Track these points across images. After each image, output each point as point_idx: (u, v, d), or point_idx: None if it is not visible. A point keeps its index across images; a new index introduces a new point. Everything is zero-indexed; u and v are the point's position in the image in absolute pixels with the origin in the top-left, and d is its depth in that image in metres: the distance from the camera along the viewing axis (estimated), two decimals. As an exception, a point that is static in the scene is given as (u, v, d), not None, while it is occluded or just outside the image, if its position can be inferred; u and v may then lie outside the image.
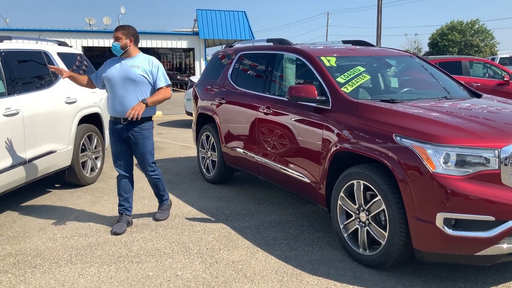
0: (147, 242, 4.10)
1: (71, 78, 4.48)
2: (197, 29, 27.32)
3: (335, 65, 4.41)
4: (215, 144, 5.96)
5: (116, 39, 4.28)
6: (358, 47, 5.32)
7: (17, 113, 4.58)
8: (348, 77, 4.20)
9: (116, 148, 4.42)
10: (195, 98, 6.63)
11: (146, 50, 23.46)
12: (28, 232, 4.33)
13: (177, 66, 37.43)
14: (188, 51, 32.28)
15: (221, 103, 5.76)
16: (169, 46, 27.70)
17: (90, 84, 4.56)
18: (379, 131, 3.45)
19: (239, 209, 5.04)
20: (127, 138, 4.35)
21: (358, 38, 5.67)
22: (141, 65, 4.29)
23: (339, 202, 3.78)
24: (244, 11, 27.05)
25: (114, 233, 4.26)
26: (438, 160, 3.08)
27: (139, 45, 4.52)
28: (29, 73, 5.21)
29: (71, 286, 3.30)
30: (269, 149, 4.79)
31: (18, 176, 4.63)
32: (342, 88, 4.05)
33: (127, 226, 4.40)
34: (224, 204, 5.21)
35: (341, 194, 3.75)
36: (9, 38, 5.15)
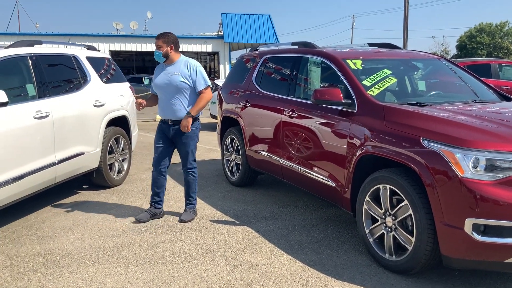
0: (172, 243, 4.14)
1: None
2: (222, 33, 27.52)
3: (361, 68, 4.38)
4: (239, 147, 5.98)
5: (158, 47, 4.55)
6: (384, 49, 5.26)
7: (47, 116, 4.70)
8: (374, 80, 4.16)
9: (158, 145, 4.71)
10: (220, 102, 6.67)
11: (171, 54, 23.57)
12: (57, 232, 4.43)
13: (202, 70, 37.66)
14: (213, 54, 32.54)
15: (246, 106, 5.79)
16: (194, 50, 27.98)
17: (155, 98, 4.86)
18: (406, 135, 3.40)
19: (263, 212, 5.04)
20: (173, 138, 4.66)
21: (384, 41, 5.61)
22: (181, 70, 4.56)
23: (364, 206, 3.74)
24: (269, 15, 27.12)
25: (137, 220, 4.64)
26: (467, 165, 3.02)
27: None
28: (59, 76, 5.34)
29: (98, 286, 3.35)
30: (293, 152, 4.77)
31: (48, 178, 4.74)
32: (368, 91, 4.01)
33: (151, 218, 4.72)
34: (248, 207, 5.22)
35: (367, 198, 3.71)
36: (40, 42, 5.28)
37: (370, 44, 5.59)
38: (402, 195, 3.37)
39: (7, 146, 4.15)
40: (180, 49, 4.76)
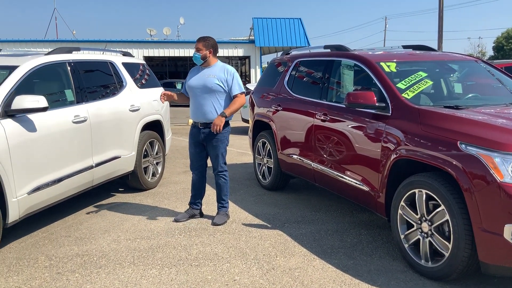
0: (205, 246, 4.18)
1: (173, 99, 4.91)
2: (253, 37, 27.64)
3: (395, 70, 4.32)
4: (271, 150, 5.99)
5: (197, 50, 4.64)
6: (419, 51, 5.18)
7: (85, 121, 4.84)
8: (409, 83, 4.09)
9: (192, 149, 4.83)
10: (252, 105, 6.70)
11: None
12: (94, 233, 4.55)
13: (233, 74, 37.91)
14: (244, 59, 32.73)
15: (278, 110, 5.80)
16: (226, 54, 28.22)
17: (185, 98, 4.93)
18: (442, 139, 3.33)
19: (295, 216, 5.03)
20: (203, 141, 4.72)
21: (419, 43, 5.51)
22: (217, 74, 4.63)
23: (399, 211, 3.68)
24: (300, 18, 27.06)
25: (176, 220, 4.83)
26: (506, 169, 2.93)
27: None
28: (96, 82, 5.50)
29: (134, 287, 3.42)
30: (325, 156, 4.75)
31: (85, 180, 4.88)
32: (403, 94, 3.95)
33: (189, 218, 4.89)
34: (280, 211, 5.22)
35: (402, 203, 3.65)
36: (78, 49, 5.45)
37: (404, 46, 5.52)
38: (438, 200, 3.30)
39: (47, 149, 4.30)
40: (212, 53, 4.81)
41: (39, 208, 4.30)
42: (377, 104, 3.94)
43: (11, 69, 4.29)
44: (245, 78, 33.42)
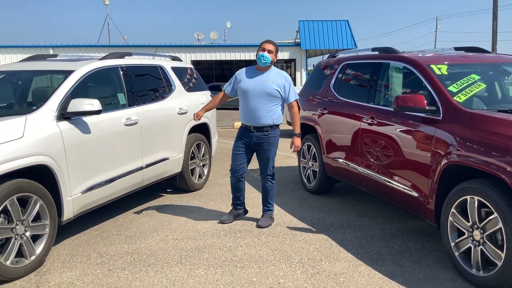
0: (250, 248, 4.22)
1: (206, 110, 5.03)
2: (299, 40, 27.57)
3: (446, 73, 4.20)
4: (316, 154, 5.96)
5: (269, 52, 4.60)
6: (471, 53, 5.00)
7: (136, 123, 5.01)
8: (461, 86, 3.97)
9: (236, 151, 4.79)
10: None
11: (249, 62, 24.20)
12: (143, 232, 4.69)
13: (278, 77, 37.97)
14: (289, 62, 32.70)
15: (323, 113, 5.76)
16: (271, 57, 28.27)
17: (224, 99, 4.98)
18: (496, 144, 3.20)
19: (341, 220, 4.98)
20: (254, 144, 4.71)
21: (470, 44, 5.33)
22: (276, 79, 4.61)
23: (450, 218, 3.57)
24: (347, 20, 26.73)
25: (221, 222, 4.86)
26: None
27: (245, 57, 4.76)
28: (147, 86, 5.67)
29: (181, 286, 3.50)
30: (372, 160, 4.67)
31: (136, 181, 5.05)
32: (454, 98, 3.83)
33: (233, 219, 4.93)
34: (325, 215, 5.18)
35: (453, 210, 3.54)
36: (130, 54, 5.65)
37: (456, 48, 5.35)
38: (491, 208, 3.18)
39: (100, 151, 4.48)
40: (258, 57, 4.82)
41: (92, 207, 4.49)
42: (427, 108, 3.85)
43: (67, 73, 4.50)
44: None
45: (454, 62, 4.50)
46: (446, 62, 4.36)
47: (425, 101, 3.85)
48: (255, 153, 4.86)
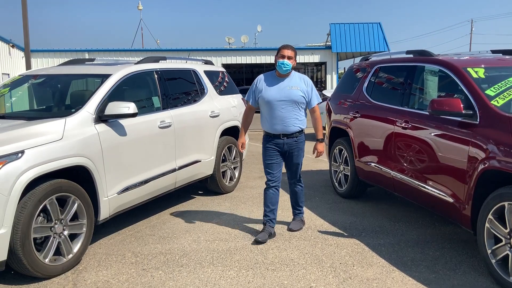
0: (281, 251, 4.23)
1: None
2: (330, 43, 27.42)
3: (483, 76, 4.10)
4: (348, 158, 5.92)
5: (289, 58, 4.38)
6: (509, 56, 4.87)
7: (169, 126, 5.10)
8: (499, 89, 3.87)
9: (271, 161, 4.57)
10: (328, 112, 6.67)
11: (279, 65, 24.06)
12: (175, 233, 4.77)
13: (308, 80, 37.83)
14: (320, 65, 32.53)
15: (356, 117, 5.72)
16: (302, 60, 28.22)
17: (253, 112, 4.76)
18: (537, 149, 3.11)
19: (373, 225, 4.92)
20: (284, 151, 4.55)
21: (507, 47, 5.18)
22: (299, 85, 4.46)
23: (486, 225, 3.49)
24: (379, 23, 26.43)
25: (256, 241, 4.40)
26: None
27: (271, 61, 4.70)
28: (180, 89, 5.77)
29: (213, 287, 3.54)
30: (406, 164, 4.60)
31: (169, 182, 5.14)
32: (492, 102, 3.74)
33: (268, 238, 4.49)
34: (356, 220, 5.13)
35: (490, 216, 3.45)
36: (164, 58, 5.76)
37: (493, 51, 5.22)
38: (532, 215, 3.08)
39: (135, 153, 4.59)
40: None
41: (127, 207, 4.59)
42: (463, 112, 3.77)
43: (105, 77, 4.63)
44: (321, 85, 33.21)
45: (491, 65, 4.39)
46: (483, 65, 4.26)
47: (462, 105, 3.78)
48: None
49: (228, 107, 6.40)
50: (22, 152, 3.46)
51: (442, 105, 3.85)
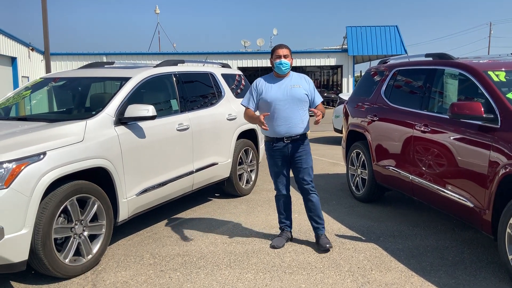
0: (298, 254, 4.22)
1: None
2: (346, 46, 27.32)
3: (504, 80, 4.05)
4: (365, 161, 5.88)
5: (286, 57, 4.22)
6: (531, 59, 4.79)
7: (187, 129, 5.13)
8: (521, 93, 3.81)
9: (278, 169, 4.38)
10: (346, 115, 6.64)
11: (294, 69, 24.34)
12: (193, 235, 4.79)
13: (324, 83, 37.80)
14: (336, 68, 32.42)
15: (373, 120, 5.68)
16: (317, 64, 28.19)
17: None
18: (561, 154, 3.05)
19: (391, 230, 4.88)
20: (291, 156, 4.31)
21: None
22: (301, 84, 4.29)
23: (508, 230, 3.43)
24: (396, 26, 26.26)
25: (273, 247, 4.35)
26: None
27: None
28: (198, 92, 5.81)
29: (230, 289, 3.55)
30: (425, 168, 4.56)
31: (186, 185, 5.17)
32: (514, 105, 3.68)
33: (286, 242, 4.46)
34: (374, 224, 5.10)
35: (511, 221, 3.39)
36: (182, 61, 5.81)
37: (515, 54, 5.14)
38: (555, 221, 3.02)
39: (154, 155, 4.63)
40: (304, 63, 4.74)
41: (145, 209, 4.64)
42: (484, 116, 3.72)
43: (124, 80, 4.69)
44: (337, 88, 33.07)
45: (513, 68, 4.32)
46: (503, 69, 4.21)
47: (482, 109, 3.73)
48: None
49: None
50: (44, 153, 3.52)
51: (462, 108, 3.81)
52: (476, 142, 3.84)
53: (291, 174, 4.48)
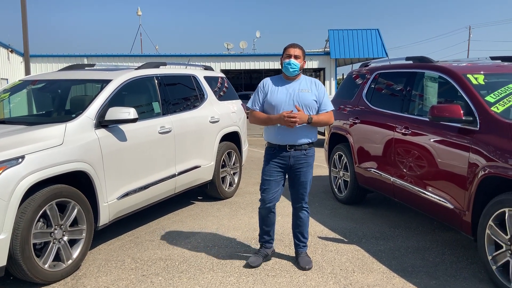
0: (281, 257, 4.21)
1: None
2: (328, 49, 27.50)
3: (483, 83, 4.12)
4: (347, 164, 5.92)
5: (296, 57, 3.87)
6: (507, 63, 4.89)
7: (169, 131, 5.10)
8: (498, 96, 3.89)
9: (270, 177, 3.97)
10: (329, 118, 6.66)
11: (277, 72, 24.25)
12: (175, 239, 4.75)
13: (307, 86, 37.94)
14: (318, 71, 32.59)
15: (355, 123, 5.73)
16: (300, 66, 28.26)
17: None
18: (537, 155, 3.12)
19: (373, 231, 4.92)
20: (290, 167, 3.95)
21: (505, 53, 5.21)
22: (310, 88, 3.92)
23: (487, 231, 3.49)
24: (378, 29, 26.52)
25: (248, 265, 3.98)
26: None
27: (274, 66, 4.53)
28: (180, 95, 5.77)
29: (213, 293, 3.53)
30: (406, 170, 4.61)
31: (169, 188, 5.13)
32: (492, 108, 3.76)
33: (263, 260, 4.08)
34: (356, 226, 5.13)
35: (490, 222, 3.46)
36: (165, 64, 5.77)
37: (492, 58, 5.24)
38: (532, 221, 3.08)
39: (136, 158, 4.58)
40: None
41: (127, 213, 4.58)
42: (464, 118, 3.78)
43: (105, 82, 4.63)
44: (320, 90, 33.12)
45: (491, 71, 4.41)
46: (482, 72, 4.28)
47: (462, 111, 3.79)
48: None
49: (227, 113, 6.41)
50: (23, 157, 3.45)
51: (442, 111, 3.86)
52: (456, 144, 3.90)
53: (285, 187, 4.14)
